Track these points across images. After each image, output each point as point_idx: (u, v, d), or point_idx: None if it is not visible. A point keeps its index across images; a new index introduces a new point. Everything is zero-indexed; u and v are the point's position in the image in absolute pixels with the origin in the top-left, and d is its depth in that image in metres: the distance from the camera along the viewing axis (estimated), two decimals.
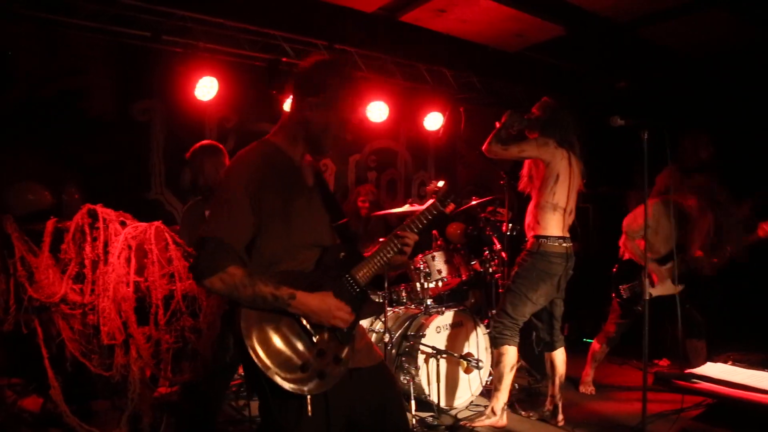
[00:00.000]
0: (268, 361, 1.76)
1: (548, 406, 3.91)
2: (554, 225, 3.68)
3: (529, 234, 3.77)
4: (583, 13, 5.19)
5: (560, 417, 3.84)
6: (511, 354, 3.70)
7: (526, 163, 3.88)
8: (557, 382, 3.86)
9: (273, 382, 1.76)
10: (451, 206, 2.17)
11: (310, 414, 1.80)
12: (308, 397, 1.81)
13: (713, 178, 4.27)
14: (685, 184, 4.29)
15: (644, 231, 3.27)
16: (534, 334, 4.08)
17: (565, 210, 3.73)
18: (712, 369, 2.33)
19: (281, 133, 2.02)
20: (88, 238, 2.69)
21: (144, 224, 2.88)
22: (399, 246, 2.07)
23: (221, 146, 3.67)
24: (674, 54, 6.20)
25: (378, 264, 2.04)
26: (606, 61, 6.67)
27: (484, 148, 3.75)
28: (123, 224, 2.82)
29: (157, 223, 2.89)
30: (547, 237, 3.67)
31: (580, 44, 5.98)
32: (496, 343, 3.74)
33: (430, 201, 2.18)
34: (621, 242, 4.51)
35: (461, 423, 3.95)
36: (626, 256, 4.48)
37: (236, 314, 1.79)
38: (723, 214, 4.28)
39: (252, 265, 1.85)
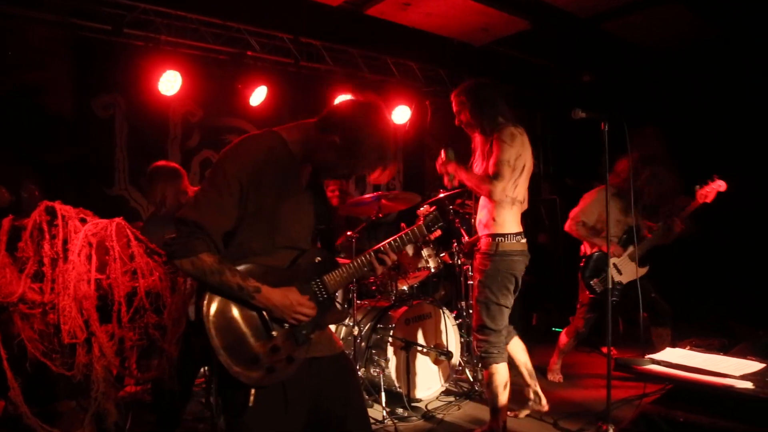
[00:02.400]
0: (221, 345, 1.80)
1: (529, 395, 3.87)
2: (512, 221, 3.41)
3: (483, 232, 3.46)
4: (547, 7, 5.26)
5: (544, 402, 3.82)
6: (501, 372, 3.42)
7: (479, 154, 3.56)
8: (524, 371, 3.81)
9: (222, 366, 1.80)
10: (438, 233, 2.20)
11: (251, 405, 1.83)
12: (252, 389, 1.84)
13: (662, 168, 4.34)
14: (640, 174, 4.34)
15: (607, 218, 3.32)
16: None
17: (522, 202, 3.48)
18: (671, 354, 2.38)
19: (296, 133, 1.97)
20: (47, 236, 2.63)
21: (105, 221, 2.81)
22: (376, 262, 2.08)
23: (179, 167, 3.57)
24: (636, 48, 6.33)
25: (350, 275, 2.05)
26: (570, 55, 6.78)
27: (495, 198, 3.35)
28: (83, 221, 2.75)
29: (118, 220, 2.83)
30: (504, 235, 3.38)
31: (544, 38, 6.06)
32: (484, 364, 3.46)
33: (417, 223, 2.20)
34: (575, 235, 4.57)
35: (432, 413, 3.98)
36: (589, 251, 4.55)
37: (202, 295, 1.83)
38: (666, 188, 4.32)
39: (227, 254, 1.87)
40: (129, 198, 5.12)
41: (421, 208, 2.26)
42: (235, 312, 1.85)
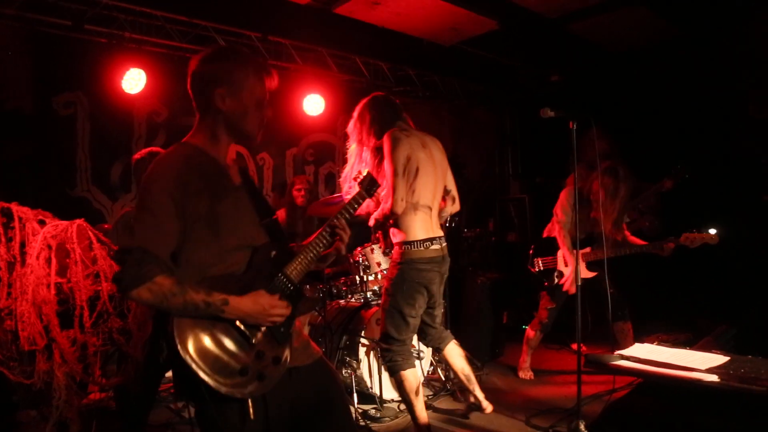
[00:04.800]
0: (206, 369, 1.69)
1: (470, 399, 3.81)
2: (418, 227, 3.26)
3: (393, 241, 3.35)
4: (515, 8, 5.31)
5: (486, 404, 3.72)
6: (410, 378, 3.31)
7: (373, 164, 3.38)
8: (462, 377, 3.66)
9: (212, 389, 1.70)
10: (377, 193, 2.16)
11: (252, 417, 1.76)
12: (249, 400, 1.77)
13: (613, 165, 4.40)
14: (590, 177, 4.39)
15: (575, 216, 3.36)
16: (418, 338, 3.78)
17: (430, 207, 3.32)
18: (639, 349, 2.41)
19: (199, 134, 1.94)
20: (2, 239, 2.52)
21: (65, 222, 2.72)
22: (330, 236, 2.03)
23: None
24: (602, 48, 6.44)
25: (310, 258, 2.00)
26: (538, 55, 6.86)
27: (397, 210, 3.21)
28: (42, 223, 2.66)
29: (79, 221, 2.74)
30: (411, 243, 3.24)
31: (513, 38, 6.11)
32: (391, 372, 3.37)
33: (356, 189, 2.17)
34: (555, 232, 4.62)
35: (404, 413, 3.97)
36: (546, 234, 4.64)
37: (168, 323, 1.71)
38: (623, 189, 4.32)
39: (180, 273, 1.77)
40: (92, 199, 4.98)
41: (354, 174, 2.22)
42: (209, 330, 1.75)
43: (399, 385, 3.34)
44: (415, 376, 3.35)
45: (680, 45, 6.09)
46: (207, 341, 1.73)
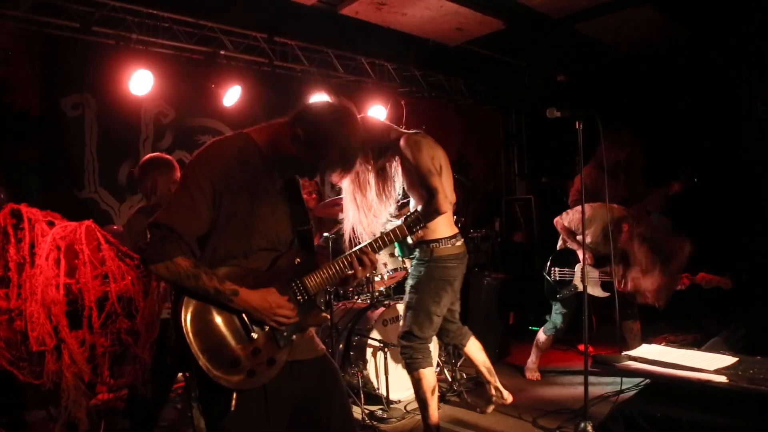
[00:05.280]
0: (201, 348, 1.77)
1: (490, 391, 3.91)
2: (444, 224, 3.28)
3: (415, 239, 3.32)
4: (521, 8, 5.30)
5: (506, 394, 3.86)
6: (428, 377, 3.35)
7: (403, 166, 3.24)
8: (483, 369, 3.82)
9: (201, 370, 1.77)
10: (419, 235, 2.18)
11: (233, 409, 1.80)
12: (234, 393, 1.81)
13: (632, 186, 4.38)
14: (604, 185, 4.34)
15: (582, 219, 3.36)
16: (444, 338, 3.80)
17: (452, 203, 3.28)
18: (647, 350, 2.40)
19: (266, 133, 1.96)
20: (12, 240, 2.54)
21: (74, 223, 2.73)
22: (357, 263, 2.04)
23: (172, 160, 3.52)
24: (608, 49, 6.42)
25: (330, 274, 2.02)
26: (544, 55, 6.85)
27: (445, 210, 3.03)
28: (51, 224, 2.67)
29: (87, 222, 2.75)
30: (438, 240, 3.25)
31: (519, 38, 6.10)
32: (409, 369, 3.39)
33: (399, 223, 2.17)
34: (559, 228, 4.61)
35: (410, 414, 3.97)
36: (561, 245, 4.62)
37: (179, 300, 1.79)
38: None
39: (204, 258, 1.84)
40: (100, 200, 5.00)
41: (403, 210, 2.23)
42: (214, 315, 1.82)
43: (416, 383, 3.36)
44: (433, 374, 3.38)
45: (687, 45, 6.07)
46: (210, 324, 1.81)
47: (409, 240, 3.33)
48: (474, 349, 3.79)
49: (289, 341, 1.93)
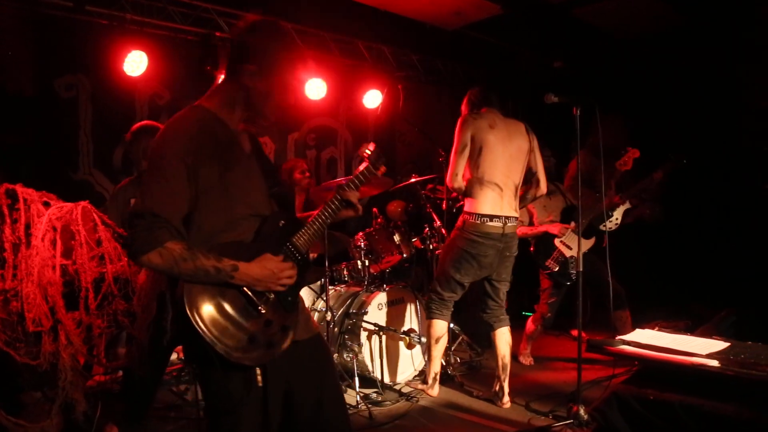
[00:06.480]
0: (216, 335, 1.71)
1: (495, 387, 3.87)
2: (483, 201, 3.50)
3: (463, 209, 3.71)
4: None
5: (506, 399, 3.79)
6: (437, 327, 3.75)
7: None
8: (500, 363, 3.78)
9: (221, 356, 1.72)
10: (383, 168, 2.15)
11: (260, 384, 1.79)
12: (257, 368, 1.80)
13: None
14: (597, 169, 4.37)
15: (579, 203, 3.38)
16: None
17: (498, 185, 3.52)
18: (640, 335, 2.44)
19: (216, 97, 1.92)
20: (8, 220, 2.53)
21: (70, 204, 2.71)
22: (339, 204, 2.02)
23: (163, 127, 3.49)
24: (606, 35, 6.40)
25: (317, 228, 2.00)
26: (542, 41, 6.81)
27: (450, 186, 3.69)
28: (46, 205, 2.65)
29: (83, 203, 2.74)
30: (472, 214, 3.51)
31: (516, 23, 6.07)
32: (427, 314, 3.83)
33: (363, 164, 2.14)
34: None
35: (405, 397, 4.01)
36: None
37: (179, 289, 1.73)
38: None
39: (190, 239, 1.79)
40: (94, 182, 4.97)
41: (361, 148, 2.17)
42: (218, 297, 1.77)
43: (427, 328, 3.83)
44: (442, 327, 3.78)
45: (684, 32, 6.05)
46: (217, 308, 1.75)
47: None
48: (502, 339, 3.80)
49: (295, 304, 1.93)
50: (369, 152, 2.12)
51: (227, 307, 1.78)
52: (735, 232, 5.62)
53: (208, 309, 1.74)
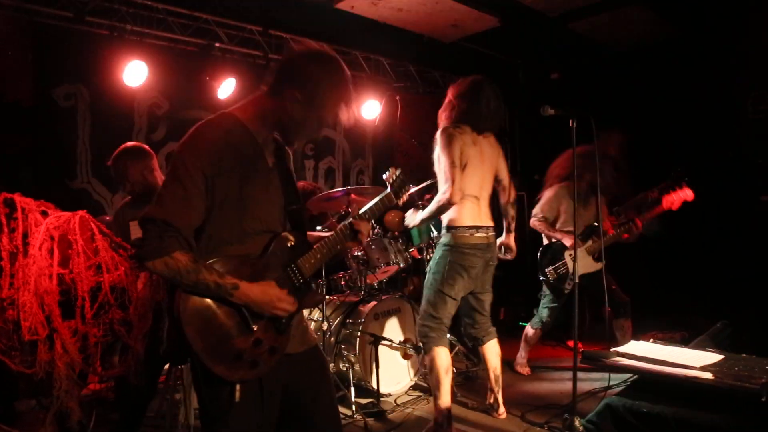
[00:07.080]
0: (203, 346, 1.74)
1: (489, 399, 3.85)
2: (465, 214, 3.48)
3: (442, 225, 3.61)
4: (516, 5, 5.32)
5: (501, 410, 3.77)
6: (442, 356, 3.45)
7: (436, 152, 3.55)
8: (492, 375, 3.75)
9: (206, 367, 1.74)
10: (405, 198, 2.14)
11: (237, 400, 1.79)
12: (237, 385, 1.79)
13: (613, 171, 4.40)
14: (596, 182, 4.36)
15: (574, 212, 3.40)
16: (462, 328, 3.89)
17: (476, 197, 3.52)
18: (635, 347, 2.44)
19: (251, 108, 1.91)
20: (5, 229, 2.53)
21: (68, 213, 2.72)
22: (350, 235, 2.03)
23: (147, 148, 3.48)
24: (602, 47, 6.45)
25: (324, 254, 2.00)
26: (539, 53, 6.87)
27: (455, 201, 3.38)
28: (44, 214, 2.66)
29: (81, 213, 2.74)
30: (457, 228, 3.47)
31: (513, 36, 6.12)
32: (425, 348, 3.52)
33: (386, 191, 2.12)
34: (538, 230, 4.65)
35: (401, 407, 4.00)
36: (547, 241, 4.64)
37: (176, 297, 1.75)
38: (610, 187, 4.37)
39: (199, 247, 1.80)
40: (92, 191, 4.98)
41: (385, 174, 2.12)
42: (213, 310, 1.78)
43: (430, 362, 3.47)
44: (446, 355, 3.49)
45: (680, 44, 6.11)
46: (209, 320, 1.77)
47: (420, 216, 3.57)
48: (492, 352, 3.75)
49: (288, 327, 1.92)
50: (394, 178, 2.11)
51: (220, 321, 1.79)
52: (733, 243, 5.64)
53: (200, 320, 1.76)
